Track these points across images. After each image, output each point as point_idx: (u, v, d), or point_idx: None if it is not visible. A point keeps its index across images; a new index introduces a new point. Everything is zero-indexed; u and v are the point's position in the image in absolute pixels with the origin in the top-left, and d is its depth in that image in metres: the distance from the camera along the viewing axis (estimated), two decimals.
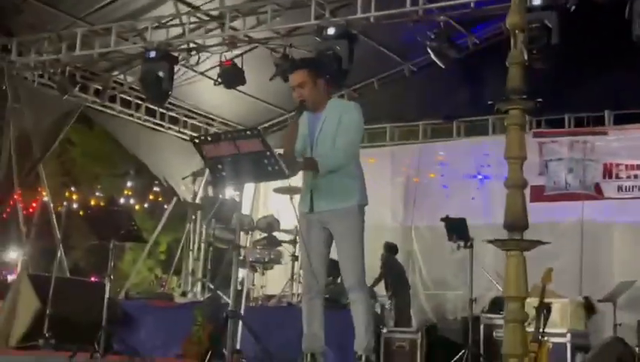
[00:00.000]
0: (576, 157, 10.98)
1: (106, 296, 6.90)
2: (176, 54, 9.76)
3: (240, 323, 6.19)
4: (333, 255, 5.33)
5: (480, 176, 11.94)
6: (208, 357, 4.74)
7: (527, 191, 12.49)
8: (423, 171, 12.51)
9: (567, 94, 10.87)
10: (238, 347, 6.35)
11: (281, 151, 5.13)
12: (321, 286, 5.29)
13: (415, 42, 9.56)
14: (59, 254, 9.35)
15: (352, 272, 5.18)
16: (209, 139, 5.01)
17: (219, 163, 4.98)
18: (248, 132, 4.86)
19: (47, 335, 8.46)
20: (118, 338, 8.23)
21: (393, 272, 10.90)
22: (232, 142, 4.84)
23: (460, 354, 7.97)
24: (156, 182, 15.77)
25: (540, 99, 3.94)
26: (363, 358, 5.12)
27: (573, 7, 8.08)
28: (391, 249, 11.17)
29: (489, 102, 3.96)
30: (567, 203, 10.91)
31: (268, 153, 4.81)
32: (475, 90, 11.57)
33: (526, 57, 7.36)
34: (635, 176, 10.63)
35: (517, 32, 3.99)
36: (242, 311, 7.66)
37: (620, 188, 10.67)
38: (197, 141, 4.99)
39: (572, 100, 10.95)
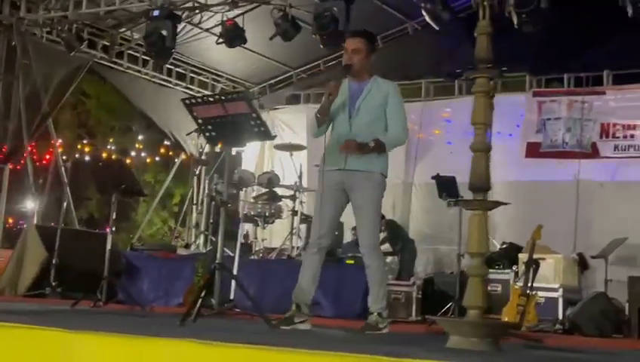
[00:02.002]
0: (575, 116, 11.11)
1: (108, 247, 7.17)
2: (179, 13, 9.92)
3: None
4: None
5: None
6: (198, 304, 4.99)
7: (523, 148, 12.70)
8: (427, 128, 12.65)
9: (566, 55, 10.98)
10: (231, 297, 6.63)
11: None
12: (326, 245, 5.52)
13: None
14: (64, 206, 9.63)
15: (368, 238, 5.43)
16: (199, 100, 5.24)
17: (209, 123, 5.23)
18: (235, 95, 5.09)
19: (53, 284, 8.81)
20: (122, 288, 8.57)
21: (393, 233, 11.14)
22: (220, 104, 5.10)
23: (447, 306, 8.24)
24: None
25: (504, 68, 4.15)
26: (375, 313, 5.42)
27: None
28: None
29: (457, 71, 4.16)
30: (564, 162, 11.06)
31: (254, 115, 5.06)
32: None
33: (516, 21, 7.56)
34: (632, 136, 10.75)
35: (485, 3, 4.17)
36: (240, 263, 7.99)
37: (616, 148, 10.81)
38: (188, 102, 5.23)
39: (571, 60, 11.07)
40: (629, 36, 9.94)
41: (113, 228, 7.32)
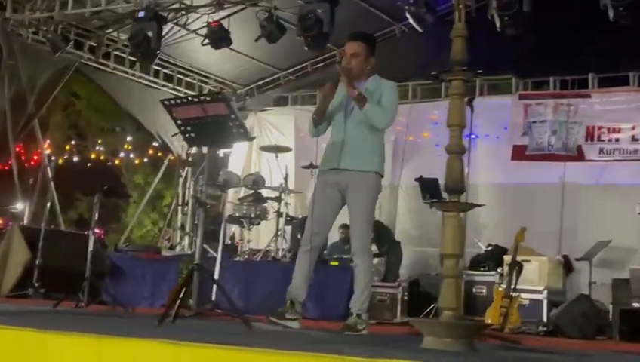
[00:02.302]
0: (560, 119, 11.12)
1: (90, 248, 7.17)
2: (165, 14, 9.92)
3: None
4: None
5: (473, 136, 12.11)
6: (177, 305, 5.00)
7: (509, 150, 12.66)
8: (415, 130, 12.65)
9: (552, 57, 11.01)
10: (213, 298, 6.63)
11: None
12: (318, 243, 5.60)
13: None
14: (47, 206, 9.62)
15: (360, 238, 5.49)
16: (178, 101, 5.25)
17: (188, 124, 5.24)
18: (213, 96, 5.10)
19: (36, 284, 8.80)
20: (105, 290, 8.57)
21: (380, 234, 11.13)
22: (199, 105, 5.11)
23: (431, 307, 8.26)
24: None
25: (479, 70, 4.16)
26: (354, 314, 5.47)
27: None
28: None
29: (432, 73, 4.19)
30: (550, 165, 11.06)
31: (233, 116, 5.07)
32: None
33: (499, 24, 7.58)
34: (617, 140, 10.77)
35: (460, 6, 4.17)
36: (225, 265, 8.00)
37: (601, 151, 10.84)
38: (167, 103, 5.23)
39: (557, 63, 11.08)
40: (615, 39, 9.96)
41: (96, 230, 7.31)
